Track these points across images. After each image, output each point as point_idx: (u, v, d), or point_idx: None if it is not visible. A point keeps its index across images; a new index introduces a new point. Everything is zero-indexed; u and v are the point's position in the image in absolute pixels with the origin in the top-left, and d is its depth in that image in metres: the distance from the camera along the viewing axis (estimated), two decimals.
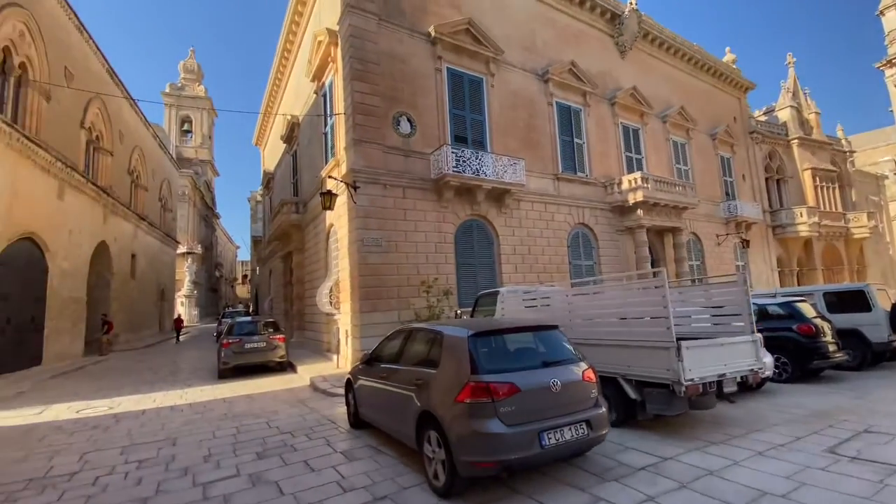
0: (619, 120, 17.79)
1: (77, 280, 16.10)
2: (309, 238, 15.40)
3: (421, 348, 4.68)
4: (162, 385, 10.49)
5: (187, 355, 16.96)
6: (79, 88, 15.65)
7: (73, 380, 11.89)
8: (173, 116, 49.54)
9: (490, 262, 12.78)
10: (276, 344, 11.35)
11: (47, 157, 13.67)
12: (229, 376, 11.05)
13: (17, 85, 12.76)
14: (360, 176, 10.58)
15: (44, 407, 8.47)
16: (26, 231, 12.73)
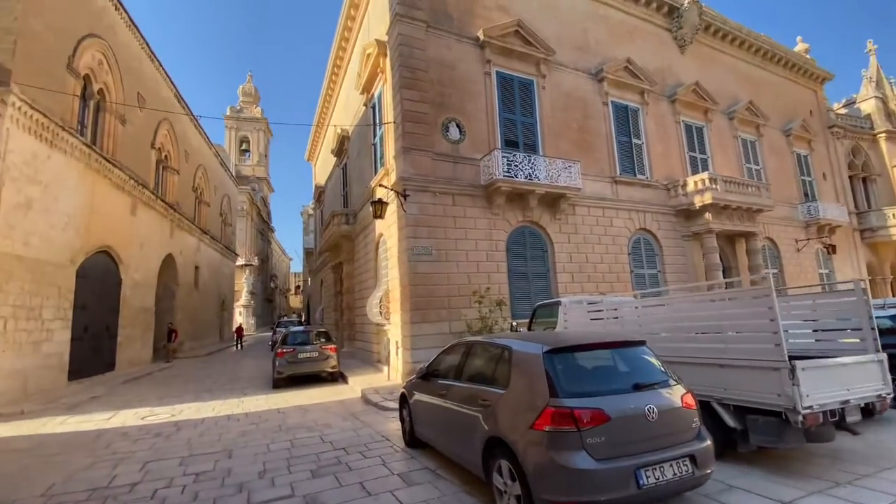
0: (680, 118, 16.63)
1: (147, 290, 17.12)
2: (359, 248, 15.47)
3: (485, 364, 4.24)
4: (221, 393, 10.71)
5: (245, 364, 17.49)
6: (152, 108, 16.83)
7: (141, 385, 12.47)
8: (233, 137, 52.83)
9: (544, 270, 12.13)
10: (327, 354, 11.31)
11: (122, 176, 14.69)
12: (283, 386, 11.12)
13: (96, 110, 13.85)
14: (410, 184, 10.39)
15: (113, 412, 8.82)
16: (103, 245, 13.66)
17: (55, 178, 11.25)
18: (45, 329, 10.89)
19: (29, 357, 10.29)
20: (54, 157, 11.21)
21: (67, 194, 11.76)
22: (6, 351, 9.55)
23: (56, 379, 11.29)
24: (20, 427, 7.70)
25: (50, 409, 9.32)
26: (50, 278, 11.07)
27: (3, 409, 8.87)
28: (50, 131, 10.92)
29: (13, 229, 9.81)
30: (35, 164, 10.50)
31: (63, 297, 11.66)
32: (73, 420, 8.22)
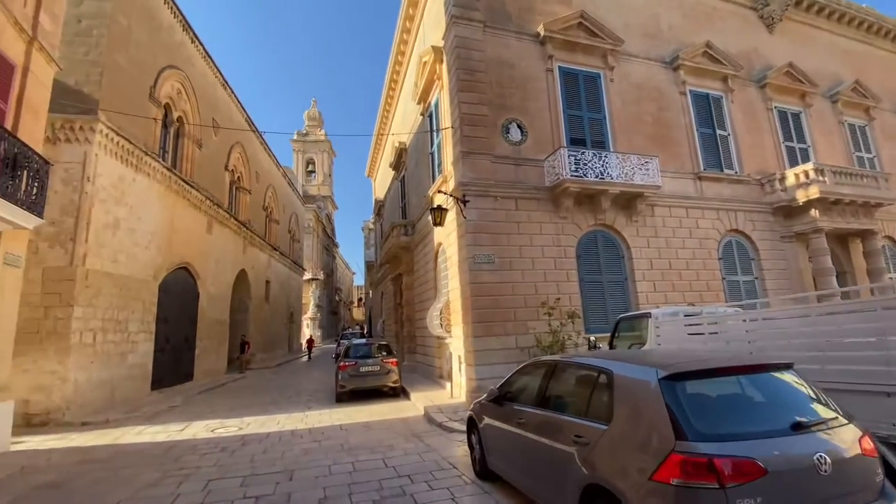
0: (772, 104, 14.70)
1: (222, 304, 18.03)
2: (418, 259, 15.17)
3: (576, 390, 3.49)
4: (286, 406, 10.70)
5: (310, 376, 17.75)
6: (227, 127, 17.93)
7: (215, 396, 12.90)
8: (300, 159, 56.02)
9: (621, 279, 10.97)
10: (389, 368, 10.95)
11: (199, 196, 15.64)
12: (346, 400, 10.91)
13: (176, 135, 14.90)
14: (470, 189, 9.85)
15: (186, 423, 9.01)
16: (182, 261, 14.51)
17: (139, 200, 12.08)
18: (130, 341, 11.59)
19: (116, 367, 10.95)
20: (139, 179, 12.07)
21: (150, 214, 12.60)
22: (95, 362, 10.19)
23: (140, 388, 11.95)
24: (103, 436, 8.02)
25: (132, 417, 9.77)
26: (135, 293, 11.81)
27: (91, 417, 9.40)
28: (135, 156, 11.77)
29: (102, 248, 10.56)
30: (121, 186, 11.32)
31: (147, 311, 12.41)
32: (150, 430, 8.46)
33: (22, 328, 9.27)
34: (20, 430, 8.44)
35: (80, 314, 9.78)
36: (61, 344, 9.36)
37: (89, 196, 10.15)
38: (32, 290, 9.44)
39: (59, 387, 9.19)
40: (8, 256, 7.00)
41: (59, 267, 9.64)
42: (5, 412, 6.84)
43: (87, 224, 10.04)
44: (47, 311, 9.43)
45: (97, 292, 10.32)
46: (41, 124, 7.82)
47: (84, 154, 10.18)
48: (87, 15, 10.84)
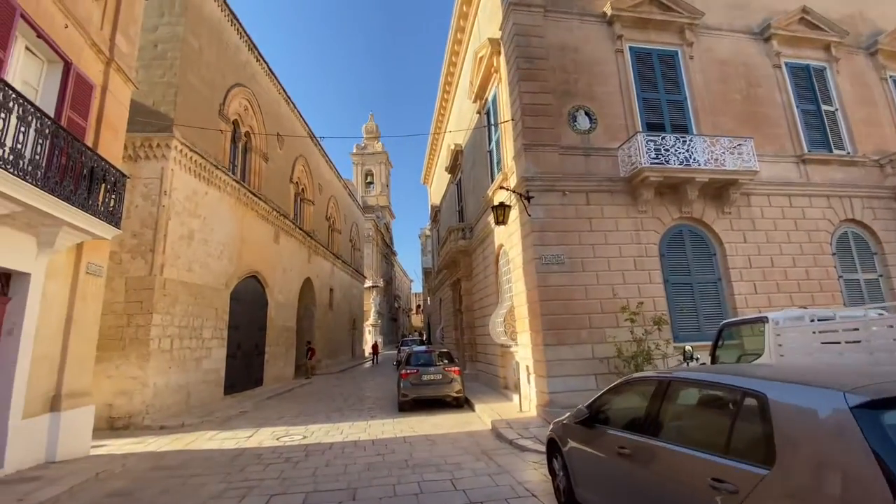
0: (886, 73, 12.49)
1: (289, 311, 18.58)
2: (477, 263, 14.58)
3: (706, 417, 2.71)
4: (350, 414, 10.51)
5: (372, 382, 17.70)
6: (288, 134, 18.58)
7: (283, 402, 13.10)
8: (359, 172, 57.97)
9: (713, 279, 9.62)
10: (451, 377, 10.41)
11: (266, 208, 16.23)
12: (408, 409, 10.51)
13: (244, 150, 15.59)
14: (534, 184, 9.11)
15: (254, 430, 9.04)
16: (252, 270, 15.05)
17: (211, 212, 12.64)
18: (205, 347, 12.06)
19: (192, 373, 11.40)
20: (210, 192, 12.63)
21: (222, 225, 13.15)
22: (172, 367, 10.64)
23: (213, 393, 12.40)
24: (176, 441, 8.20)
25: (205, 422, 10.02)
26: (208, 301, 12.31)
27: (168, 421, 9.76)
28: (206, 170, 12.33)
29: (178, 258, 11.07)
30: (195, 199, 11.87)
31: (219, 318, 12.90)
32: (220, 436, 8.55)
33: (107, 335, 9.88)
34: (104, 434, 8.91)
35: (159, 321, 10.26)
36: (142, 350, 9.84)
37: (166, 209, 10.69)
38: (116, 299, 10.05)
39: (139, 391, 9.64)
40: (90, 266, 7.35)
41: (139, 277, 10.19)
42: (87, 416, 7.13)
43: (164, 236, 10.57)
44: (129, 319, 9.97)
45: (174, 300, 10.81)
46: (120, 141, 8.25)
47: (161, 169, 10.76)
48: (162, 39, 11.56)
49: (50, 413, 6.49)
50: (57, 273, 6.71)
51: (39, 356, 6.32)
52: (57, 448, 6.44)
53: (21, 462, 5.86)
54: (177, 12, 11.79)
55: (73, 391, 6.89)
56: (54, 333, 6.64)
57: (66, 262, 6.94)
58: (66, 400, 6.69)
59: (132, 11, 8.68)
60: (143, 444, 7.96)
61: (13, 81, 5.88)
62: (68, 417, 6.69)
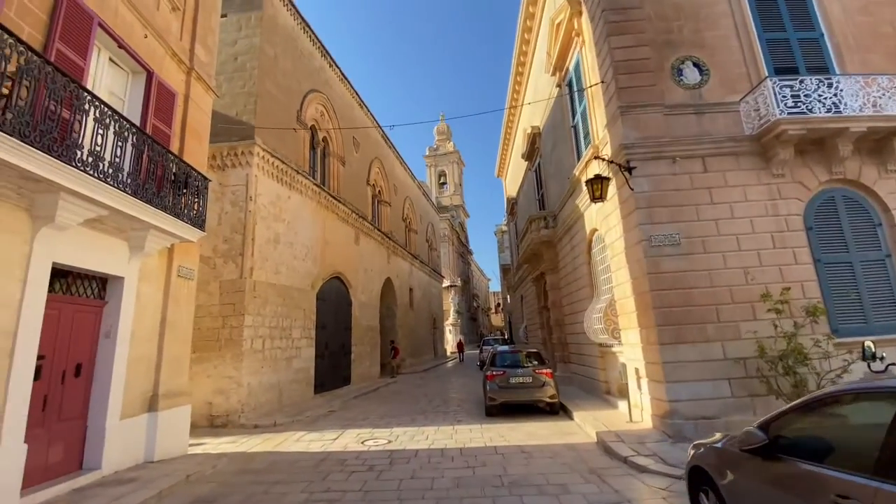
0: None
1: (372, 311, 18.74)
2: (563, 254, 13.25)
3: None
4: (435, 416, 9.92)
5: (456, 382, 17.10)
6: (364, 126, 18.75)
7: (369, 401, 12.98)
8: (432, 173, 58.52)
9: (878, 256, 7.42)
10: (543, 380, 9.33)
11: (345, 210, 16.43)
12: (496, 414, 9.65)
13: (323, 155, 15.90)
14: (635, 153, 7.71)
15: (340, 431, 8.79)
16: (335, 271, 15.27)
17: (294, 215, 12.91)
18: (294, 347, 12.31)
19: (283, 372, 11.65)
20: (293, 197, 12.91)
21: (305, 228, 13.42)
22: (265, 367, 10.90)
23: (304, 392, 12.61)
24: (267, 441, 8.19)
25: (296, 421, 10.07)
26: (296, 302, 12.57)
27: (262, 420, 9.94)
28: (288, 175, 12.61)
29: (266, 261, 11.36)
30: (279, 204, 12.17)
31: (307, 318, 13.15)
32: (307, 437, 8.40)
33: (205, 336, 10.36)
34: (205, 431, 9.25)
35: (250, 322, 10.55)
36: (236, 350, 10.16)
37: (252, 214, 11.02)
38: (212, 302, 10.52)
39: (235, 390, 9.94)
40: (181, 269, 7.55)
41: (231, 280, 10.57)
42: (183, 416, 7.29)
43: (251, 240, 10.88)
44: (224, 321, 10.37)
45: (264, 302, 11.10)
46: (204, 148, 8.47)
47: (246, 176, 11.12)
48: (241, 52, 12.01)
49: (147, 413, 6.67)
50: (149, 277, 6.92)
51: (136, 358, 6.51)
52: (155, 447, 6.59)
53: (119, 462, 6.02)
54: (253, 24, 12.20)
55: (170, 391, 7.06)
56: (149, 335, 6.84)
57: (158, 266, 7.15)
58: (162, 400, 6.85)
59: (209, 22, 8.92)
60: (236, 444, 8.05)
61: (98, 91, 6.08)
62: (165, 417, 6.85)
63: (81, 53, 5.55)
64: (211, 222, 10.96)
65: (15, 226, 4.72)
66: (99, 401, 5.90)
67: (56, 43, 5.19)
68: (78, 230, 5.50)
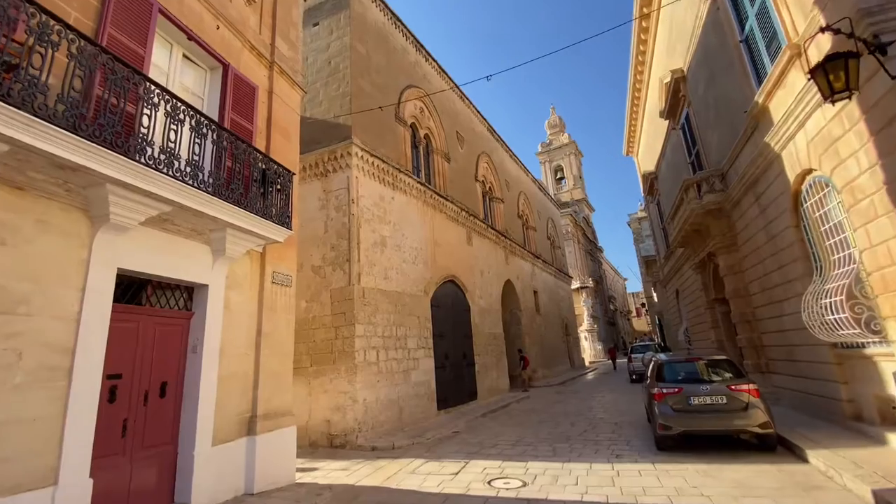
0: None
1: (493, 316, 17.02)
2: (745, 222, 9.74)
3: None
4: (583, 448, 7.63)
5: (602, 399, 14.24)
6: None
7: (498, 421, 11.18)
8: (548, 170, 55.16)
9: None
10: (745, 400, 6.37)
11: (454, 209, 15.17)
12: (672, 447, 6.95)
13: (426, 153, 14.94)
14: (888, 22, 4.61)
15: (463, 462, 7.14)
16: (449, 274, 14.01)
17: (400, 217, 11.99)
18: (411, 358, 11.21)
19: (401, 386, 10.58)
20: (397, 197, 12.03)
21: (412, 230, 12.42)
22: (380, 381, 9.92)
23: (426, 408, 11.38)
24: (379, 472, 6.92)
25: (416, 444, 8.78)
26: (409, 308, 11.52)
27: (380, 440, 8.86)
28: (390, 175, 11.77)
29: (374, 266, 10.52)
30: (382, 205, 11.34)
31: (423, 326, 12.01)
32: (425, 469, 6.93)
33: (321, 349, 9.79)
34: (324, 452, 8.49)
35: (362, 332, 9.70)
36: (349, 363, 9.35)
37: (356, 217, 10.30)
38: (325, 313, 9.95)
39: (350, 407, 9.08)
40: (276, 276, 6.83)
41: (340, 287, 9.91)
42: (288, 439, 6.43)
43: (357, 244, 10.14)
44: (337, 331, 9.69)
45: (374, 309, 10.23)
46: (293, 145, 7.85)
47: (347, 179, 10.50)
48: (334, 54, 11.64)
49: (246, 437, 5.90)
50: (239, 284, 6.26)
51: (228, 374, 5.79)
52: (255, 477, 5.76)
53: (214, 494, 5.24)
54: (342, 24, 11.78)
55: (271, 411, 6.26)
56: (243, 349, 6.13)
57: (249, 273, 6.49)
58: (262, 422, 6.05)
59: (290, 16, 8.41)
60: (348, 473, 6.96)
61: (172, 87, 5.60)
62: (267, 441, 6.02)
63: (141, 42, 5.04)
64: (318, 230, 10.56)
65: (67, 227, 4.16)
66: (188, 424, 5.22)
67: (108, 28, 4.69)
68: (148, 233, 4.91)
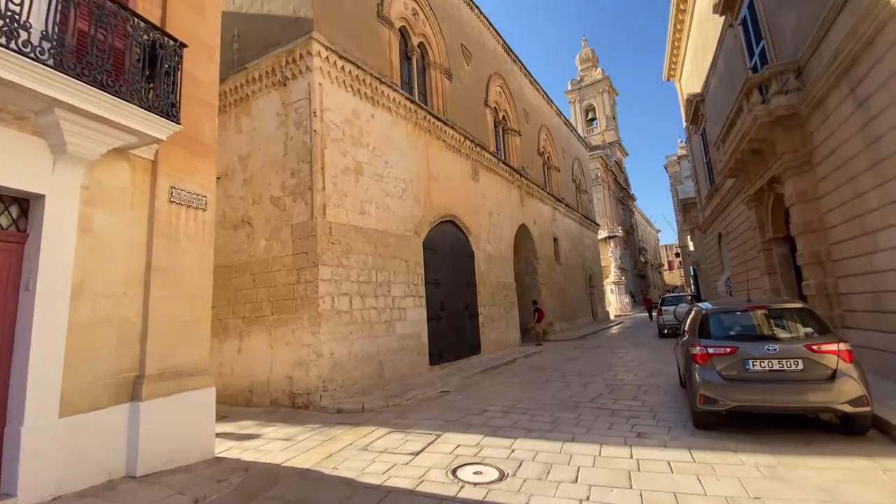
0: None
1: (503, 265, 15.14)
2: (830, 128, 7.16)
3: None
4: (592, 419, 5.89)
5: (626, 355, 12.40)
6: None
7: (497, 379, 9.59)
8: (578, 110, 50.66)
9: None
10: (832, 366, 4.35)
11: (456, 137, 12.92)
12: (713, 426, 5.08)
13: (421, 67, 12.52)
14: None
15: (433, 436, 5.55)
16: (447, 213, 12.04)
17: (383, 140, 9.94)
18: (396, 307, 9.58)
19: (382, 339, 9.02)
20: (378, 115, 9.92)
21: (399, 157, 10.38)
22: (355, 332, 8.35)
23: (415, 363, 9.88)
24: (325, 444, 5.42)
25: (392, 406, 7.32)
26: (394, 251, 9.75)
27: (348, 402, 7.42)
28: (368, 85, 9.60)
29: (345, 196, 8.66)
30: (358, 123, 9.29)
31: (412, 272, 10.28)
32: (382, 444, 5.38)
33: (282, 295, 8.21)
34: (282, 414, 7.14)
35: (329, 275, 8.03)
36: (312, 311, 7.76)
37: (319, 135, 8.33)
38: (286, 252, 8.29)
39: (314, 362, 7.59)
40: (178, 193, 5.07)
41: (302, 222, 8.15)
42: (201, 405, 4.95)
43: (321, 168, 8.24)
44: (299, 274, 8.05)
45: (347, 249, 8.49)
46: (208, 22, 5.81)
47: (308, 86, 8.43)
48: None
49: (129, 404, 4.40)
50: (113, 200, 4.53)
51: (92, 321, 4.21)
52: (138, 454, 4.30)
53: (65, 480, 3.82)
54: None
55: (169, 370, 4.73)
56: (121, 288, 4.51)
57: (132, 187, 4.74)
58: (154, 384, 4.53)
59: None
60: (288, 445, 5.50)
61: None
62: (160, 408, 4.52)
63: None
64: (276, 153, 8.70)
65: None
66: (18, 390, 3.70)
67: None
68: None
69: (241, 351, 8.61)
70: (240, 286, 8.87)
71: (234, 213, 9.22)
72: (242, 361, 8.56)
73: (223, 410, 7.87)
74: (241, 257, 8.95)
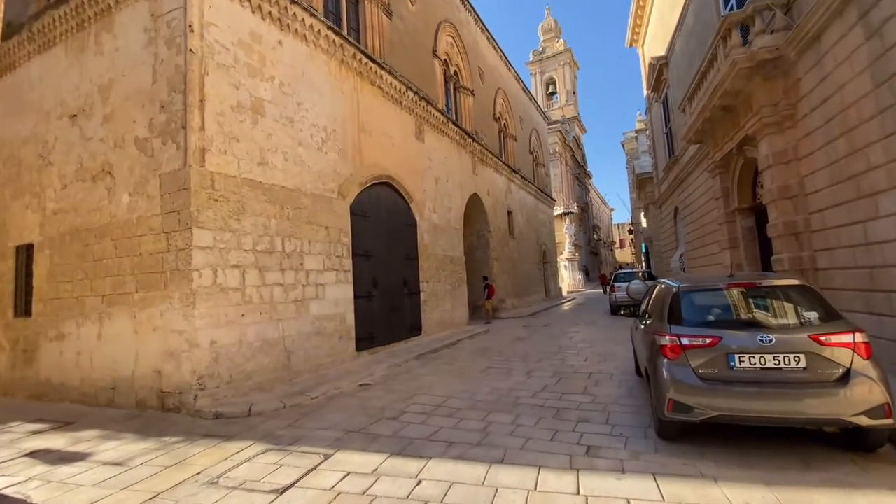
0: None
1: (451, 237, 13.70)
2: (825, 70, 6.06)
3: None
4: (532, 424, 4.61)
5: (576, 337, 11.45)
6: None
7: (433, 366, 8.26)
8: (539, 82, 49.38)
9: None
10: (844, 364, 3.22)
11: (397, 86, 11.08)
12: (675, 437, 3.93)
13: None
14: None
15: (321, 457, 4.06)
16: (383, 174, 10.33)
17: (295, 75, 7.99)
18: (311, 283, 7.90)
19: (291, 321, 7.36)
20: (289, 43, 7.93)
21: (318, 100, 8.49)
22: (249, 315, 6.63)
23: (337, 349, 8.32)
24: (166, 473, 3.78)
25: (291, 408, 5.79)
26: (309, 214, 7.98)
27: (235, 402, 5.80)
28: (275, 4, 7.57)
29: (235, 141, 6.74)
30: (259, 49, 7.29)
31: (335, 242, 8.58)
32: (242, 473, 3.83)
33: (149, 266, 6.30)
34: (142, 421, 5.37)
35: (210, 241, 6.21)
36: (185, 288, 5.96)
37: (198, 57, 6.32)
38: (154, 211, 6.34)
39: (187, 353, 5.84)
40: None
41: (172, 171, 6.21)
42: None
43: (199, 101, 6.27)
44: (169, 240, 6.16)
45: (238, 209, 6.66)
46: None
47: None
48: None
49: None
50: None
51: None
52: None
53: None
54: None
55: None
56: None
57: None
58: None
59: None
60: (111, 476, 3.83)
61: None
62: None
63: None
64: (143, 81, 6.61)
65: None
66: None
67: None
68: None
69: (102, 337, 6.69)
70: (99, 255, 6.86)
71: (92, 160, 7.10)
72: (104, 350, 6.65)
73: (74, 413, 6.12)
74: (100, 217, 6.90)
